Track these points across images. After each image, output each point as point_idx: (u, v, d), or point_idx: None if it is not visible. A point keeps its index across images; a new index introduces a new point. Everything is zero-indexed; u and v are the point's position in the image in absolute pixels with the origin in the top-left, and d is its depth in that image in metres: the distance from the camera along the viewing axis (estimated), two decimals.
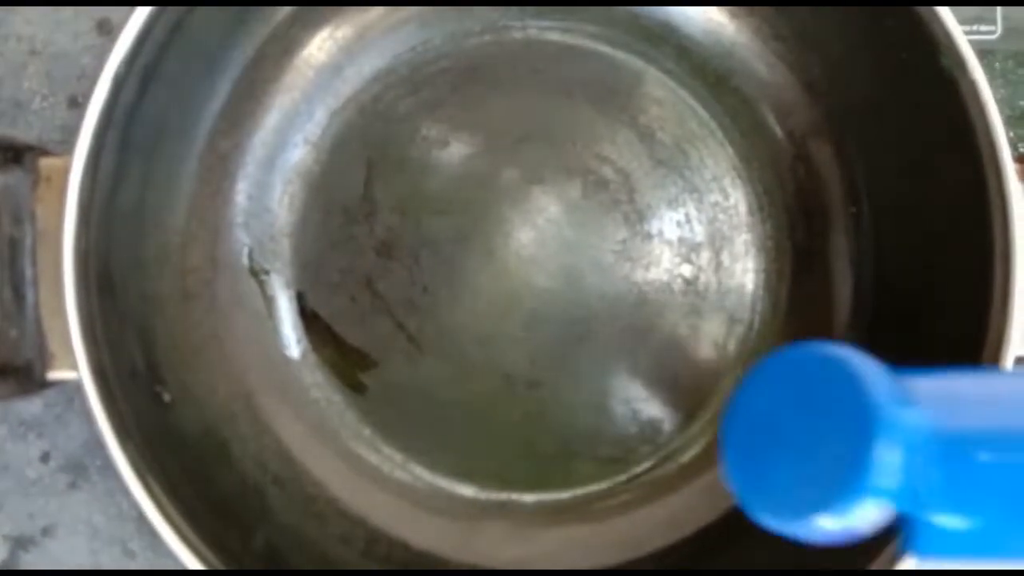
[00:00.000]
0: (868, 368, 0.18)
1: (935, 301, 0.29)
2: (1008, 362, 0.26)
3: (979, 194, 0.26)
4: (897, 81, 0.29)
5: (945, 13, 0.26)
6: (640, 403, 0.33)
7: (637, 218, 0.33)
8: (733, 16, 0.33)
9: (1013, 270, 0.26)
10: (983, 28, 0.35)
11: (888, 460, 0.16)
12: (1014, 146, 0.28)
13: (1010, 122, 0.35)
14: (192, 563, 0.25)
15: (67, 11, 0.34)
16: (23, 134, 0.33)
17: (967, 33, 0.27)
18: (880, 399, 0.17)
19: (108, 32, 0.34)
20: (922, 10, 0.27)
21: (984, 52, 0.34)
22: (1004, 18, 0.35)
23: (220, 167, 0.32)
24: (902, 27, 0.27)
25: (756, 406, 0.20)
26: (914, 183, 0.30)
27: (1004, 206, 0.26)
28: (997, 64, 0.35)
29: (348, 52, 0.33)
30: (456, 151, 0.33)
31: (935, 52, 0.27)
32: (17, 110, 0.34)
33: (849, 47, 0.31)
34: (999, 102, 0.26)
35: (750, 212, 0.34)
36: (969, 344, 0.27)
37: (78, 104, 0.34)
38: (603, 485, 0.33)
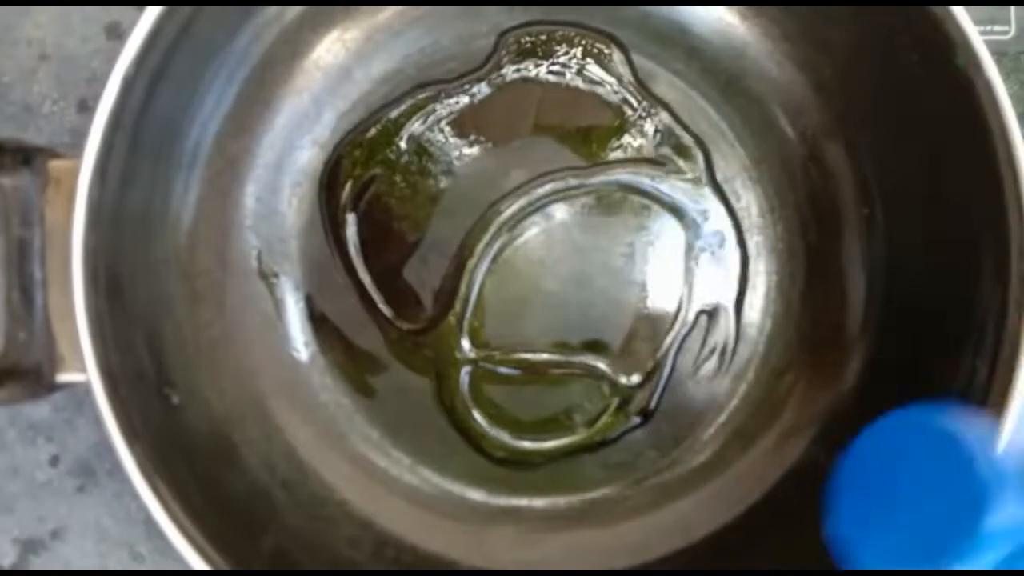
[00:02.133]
0: (974, 443, 0.19)
1: (950, 303, 0.29)
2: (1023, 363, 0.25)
3: (994, 194, 0.26)
4: (910, 81, 0.29)
5: (960, 13, 0.26)
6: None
7: (648, 219, 0.33)
8: (743, 17, 0.33)
9: None
10: (997, 28, 0.35)
11: (994, 530, 0.18)
12: None
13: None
14: (200, 566, 0.25)
15: (77, 15, 0.34)
16: (33, 138, 0.34)
17: (980, 33, 0.26)
18: (988, 479, 0.18)
19: (118, 36, 0.34)
20: (936, 10, 0.26)
21: (998, 52, 0.34)
22: (1018, 18, 0.35)
23: (229, 169, 0.32)
24: (916, 27, 0.27)
25: (866, 468, 0.22)
26: (928, 184, 0.29)
27: (1020, 206, 0.25)
28: (1011, 64, 0.35)
29: (356, 54, 0.33)
30: (465, 152, 0.33)
31: (950, 52, 0.26)
32: (27, 114, 0.34)
33: (860, 48, 0.30)
34: (1014, 101, 0.26)
35: (761, 214, 0.33)
36: (984, 347, 0.26)
37: (88, 107, 0.34)
38: (612, 490, 0.33)
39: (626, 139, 0.33)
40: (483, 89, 0.33)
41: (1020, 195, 0.25)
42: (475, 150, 0.33)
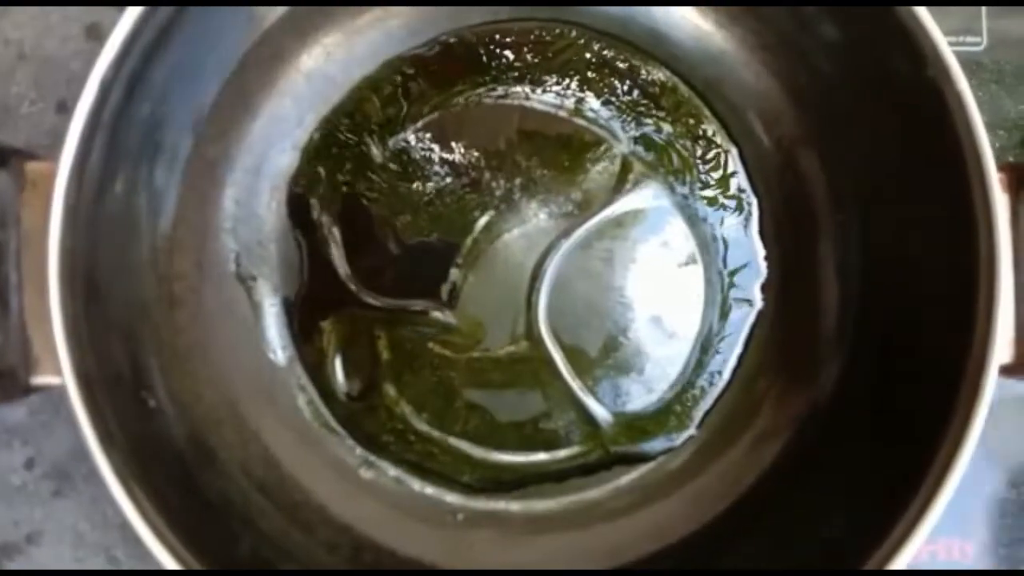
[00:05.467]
0: None
1: (921, 309, 0.29)
2: (993, 370, 0.26)
3: (964, 203, 0.26)
4: (883, 91, 0.29)
5: (931, 24, 0.26)
6: (627, 411, 0.33)
7: (628, 224, 0.33)
8: (720, 25, 0.33)
9: (997, 278, 0.26)
10: (969, 39, 0.35)
11: None
12: (998, 156, 0.28)
13: (995, 132, 0.35)
14: (176, 569, 0.25)
15: (56, 16, 0.34)
16: (11, 139, 0.33)
17: (953, 44, 0.27)
18: None
19: (97, 37, 0.34)
20: (908, 21, 0.27)
21: (970, 63, 0.35)
22: (989, 30, 0.36)
23: (208, 172, 0.32)
24: (888, 38, 0.28)
25: None
26: (900, 192, 0.30)
27: (989, 215, 0.26)
28: (983, 75, 0.35)
29: (337, 58, 0.33)
30: (447, 155, 0.33)
31: (921, 63, 0.27)
32: (5, 115, 0.34)
33: (834, 57, 0.31)
34: (984, 112, 0.26)
35: (737, 219, 0.34)
36: (955, 352, 0.27)
37: (67, 109, 0.34)
38: (590, 493, 0.33)
39: (607, 149, 0.33)
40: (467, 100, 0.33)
41: (988, 203, 0.26)
42: (454, 155, 0.33)
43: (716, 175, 0.34)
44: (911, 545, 0.25)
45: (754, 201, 0.34)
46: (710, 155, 0.34)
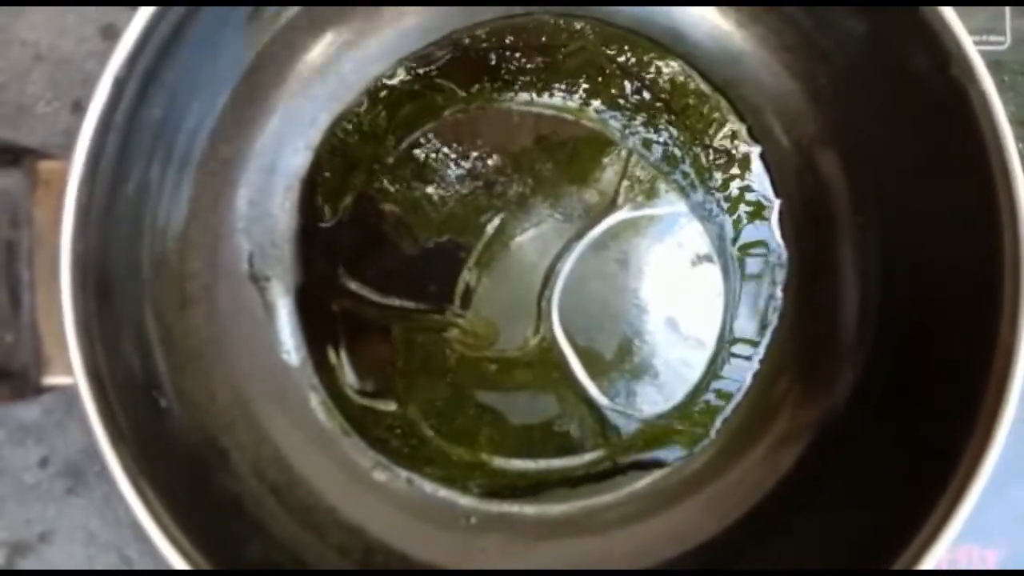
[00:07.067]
0: None
1: (943, 313, 0.29)
2: (1018, 377, 0.25)
3: (988, 205, 0.26)
4: (905, 91, 0.29)
5: (955, 23, 0.26)
6: (643, 415, 0.33)
7: (642, 226, 0.33)
8: (739, 25, 0.33)
9: (1023, 283, 0.25)
10: (992, 38, 0.35)
11: None
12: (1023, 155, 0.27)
13: (1020, 132, 0.34)
14: (185, 569, 0.25)
15: (72, 16, 0.34)
16: (26, 138, 0.33)
17: (976, 44, 0.26)
18: None
19: (113, 37, 0.34)
20: (932, 20, 0.26)
21: (993, 62, 0.34)
22: (1013, 29, 0.35)
23: (221, 172, 0.32)
24: (911, 37, 0.27)
25: None
26: (922, 194, 0.29)
27: (1014, 217, 0.25)
28: (1006, 75, 0.35)
29: (351, 57, 0.33)
30: (459, 157, 0.33)
31: (944, 62, 0.26)
32: (20, 114, 0.34)
33: (856, 57, 0.30)
34: (1009, 112, 0.26)
35: (755, 221, 0.33)
36: (979, 355, 0.26)
37: (82, 109, 0.34)
38: (604, 498, 0.33)
39: (619, 152, 0.33)
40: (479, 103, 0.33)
41: (1014, 205, 0.25)
42: (467, 158, 0.33)
43: (732, 176, 0.33)
44: (932, 553, 0.25)
45: (773, 202, 0.33)
46: (726, 156, 0.33)
